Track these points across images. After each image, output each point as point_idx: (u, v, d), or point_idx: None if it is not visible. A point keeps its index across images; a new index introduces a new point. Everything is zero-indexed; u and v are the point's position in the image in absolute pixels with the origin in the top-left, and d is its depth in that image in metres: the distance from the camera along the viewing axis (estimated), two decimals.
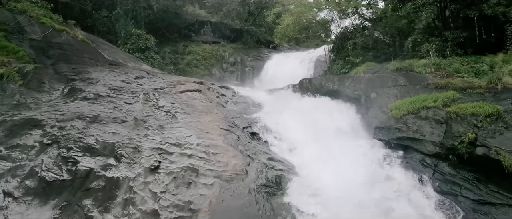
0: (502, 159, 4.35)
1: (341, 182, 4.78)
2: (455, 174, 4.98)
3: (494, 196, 4.41)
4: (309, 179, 4.95)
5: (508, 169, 4.27)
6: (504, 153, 4.40)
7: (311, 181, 4.87)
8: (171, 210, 4.17)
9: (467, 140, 4.94)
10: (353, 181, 4.86)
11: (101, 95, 7.92)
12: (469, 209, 4.42)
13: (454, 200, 4.58)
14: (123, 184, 4.54)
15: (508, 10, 8.58)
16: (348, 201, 4.31)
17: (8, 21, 10.40)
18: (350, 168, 5.37)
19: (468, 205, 4.47)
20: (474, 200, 4.51)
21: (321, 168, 5.47)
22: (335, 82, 9.48)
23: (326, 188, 4.60)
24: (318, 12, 13.76)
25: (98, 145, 5.34)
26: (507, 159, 4.31)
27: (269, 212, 4.13)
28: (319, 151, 6.37)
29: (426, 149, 5.55)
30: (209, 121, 7.22)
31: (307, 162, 5.94)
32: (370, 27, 14.34)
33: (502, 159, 4.36)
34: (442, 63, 8.42)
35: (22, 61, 9.16)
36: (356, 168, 5.40)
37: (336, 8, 13.49)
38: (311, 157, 6.16)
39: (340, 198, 4.34)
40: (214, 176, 4.93)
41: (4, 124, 6.16)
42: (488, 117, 5.02)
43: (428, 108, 6.08)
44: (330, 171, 5.23)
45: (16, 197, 4.42)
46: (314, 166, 5.71)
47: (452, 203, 4.52)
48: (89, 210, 4.18)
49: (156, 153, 5.27)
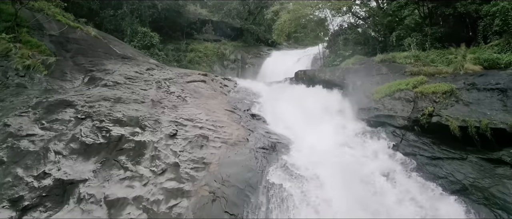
0: (450, 124, 5.63)
1: (325, 145, 6.03)
2: (417, 140, 6.24)
3: (442, 153, 5.67)
4: (298, 144, 6.21)
5: (453, 131, 5.56)
6: (452, 119, 5.67)
7: (300, 144, 6.13)
8: (189, 163, 5.45)
9: (427, 112, 6.22)
10: (334, 143, 6.12)
11: (119, 83, 9.20)
12: (423, 163, 5.66)
13: (413, 158, 5.83)
14: (149, 145, 5.82)
15: (480, 8, 9.88)
16: (326, 153, 5.56)
17: (28, 18, 11.71)
18: (334, 138, 6.63)
19: (423, 161, 5.71)
20: (428, 157, 5.76)
21: (309, 138, 6.74)
22: (327, 73, 10.77)
23: (311, 147, 5.85)
24: (312, 10, 15.04)
25: (125, 118, 6.62)
26: (453, 123, 5.59)
27: (265, 163, 5.41)
28: (310, 129, 7.64)
29: (397, 122, 6.82)
30: (214, 103, 8.52)
31: (299, 135, 7.20)
32: (363, 24, 15.68)
33: (449, 124, 5.64)
34: (421, 55, 9.70)
35: (45, 54, 10.43)
36: (339, 138, 6.67)
37: (329, 8, 14.80)
38: (302, 133, 7.43)
39: (320, 151, 5.59)
40: (221, 141, 6.21)
41: (41, 104, 7.43)
42: (444, 93, 6.30)
43: (401, 90, 7.36)
44: (316, 139, 6.50)
45: (64, 155, 5.69)
46: (305, 138, 6.98)
47: (411, 160, 5.76)
48: (124, 163, 5.46)
49: (173, 124, 6.55)
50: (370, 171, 5.26)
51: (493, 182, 4.78)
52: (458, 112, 5.83)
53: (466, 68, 7.29)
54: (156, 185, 5.01)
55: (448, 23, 10.54)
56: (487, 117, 5.43)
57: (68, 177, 5.20)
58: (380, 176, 5.22)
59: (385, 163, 5.67)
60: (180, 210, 4.58)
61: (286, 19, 15.15)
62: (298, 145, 6.12)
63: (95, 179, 5.19)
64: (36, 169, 5.35)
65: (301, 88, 11.06)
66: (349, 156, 5.85)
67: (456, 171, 5.23)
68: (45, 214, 4.64)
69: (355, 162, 5.59)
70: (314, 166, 5.14)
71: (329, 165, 5.10)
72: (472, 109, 5.78)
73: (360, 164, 5.53)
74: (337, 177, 4.82)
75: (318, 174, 4.96)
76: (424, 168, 5.53)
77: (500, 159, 5.07)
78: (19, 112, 6.99)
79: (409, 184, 5.08)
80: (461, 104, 5.99)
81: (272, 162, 5.47)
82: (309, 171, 5.06)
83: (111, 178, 5.21)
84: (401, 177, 5.26)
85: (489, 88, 5.98)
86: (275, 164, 5.40)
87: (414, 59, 9.50)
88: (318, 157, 5.45)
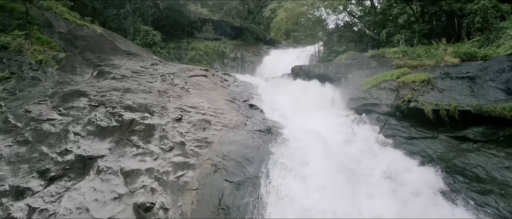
0: (424, 108, 6.44)
1: (313, 127, 6.84)
2: (397, 124, 7.03)
3: (418, 133, 6.46)
4: (291, 127, 7.01)
5: (427, 114, 6.37)
6: (426, 104, 6.48)
7: (292, 127, 6.94)
8: (193, 142, 6.25)
9: (406, 99, 7.02)
10: (323, 127, 6.92)
11: (126, 76, 10.02)
12: (401, 142, 6.45)
13: (392, 138, 6.62)
14: (157, 127, 6.63)
15: (464, 6, 10.70)
16: (314, 132, 6.37)
17: (37, 16, 12.55)
18: (323, 123, 7.44)
19: (401, 141, 6.50)
20: (406, 137, 6.54)
21: (301, 123, 7.55)
22: (321, 68, 11.58)
23: (300, 128, 6.66)
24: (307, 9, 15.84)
25: (135, 105, 7.42)
26: (427, 107, 6.40)
27: (261, 142, 6.21)
28: (302, 116, 8.44)
29: (381, 109, 7.61)
30: (216, 94, 9.33)
31: (293, 122, 8.01)
32: (358, 23, 16.49)
33: (424, 108, 6.45)
34: (408, 50, 10.51)
35: (55, 50, 11.25)
36: (328, 123, 7.47)
37: (325, 7, 15.63)
38: (297, 120, 8.23)
39: (310, 130, 6.40)
40: (222, 125, 7.02)
41: (57, 94, 8.23)
42: (422, 82, 7.10)
43: (386, 81, 8.16)
44: (308, 123, 7.30)
45: (82, 136, 6.49)
46: (298, 124, 7.78)
47: (390, 140, 6.57)
48: (136, 142, 6.26)
49: (178, 110, 7.36)
50: (350, 146, 6.03)
51: (456, 155, 5.58)
52: (433, 97, 6.63)
53: (446, 60, 8.09)
54: (165, 159, 5.82)
55: (437, 21, 11.36)
56: (457, 101, 6.23)
57: (87, 153, 6.00)
58: (359, 149, 6.01)
59: (366, 142, 6.47)
60: (186, 179, 5.39)
61: (283, 17, 16.02)
62: (290, 128, 6.92)
63: (111, 155, 5.99)
64: (59, 147, 6.15)
65: (297, 82, 11.88)
66: (334, 134, 6.64)
67: (427, 147, 6.02)
68: (70, 182, 5.44)
69: (339, 140, 6.38)
70: (302, 140, 5.98)
71: (314, 140, 5.89)
72: (444, 95, 6.58)
73: (343, 141, 6.33)
74: (319, 148, 5.63)
75: (304, 144, 5.81)
76: (401, 146, 6.32)
77: (465, 137, 5.87)
78: (37, 100, 7.79)
79: (385, 155, 5.89)
80: (435, 91, 6.79)
81: (266, 140, 6.28)
82: (297, 142, 5.90)
83: (125, 154, 6.01)
84: (379, 151, 6.05)
85: (460, 77, 6.78)
86: (269, 141, 6.22)
87: (402, 54, 10.30)
88: (306, 134, 6.26)
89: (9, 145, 6.19)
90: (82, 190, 5.24)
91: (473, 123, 5.92)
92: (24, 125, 6.76)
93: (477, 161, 5.26)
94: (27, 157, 5.87)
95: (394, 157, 5.90)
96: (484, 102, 5.85)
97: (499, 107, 5.50)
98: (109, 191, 5.20)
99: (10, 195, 5.12)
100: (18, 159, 5.82)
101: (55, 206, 4.96)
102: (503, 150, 5.20)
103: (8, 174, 5.49)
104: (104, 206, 4.93)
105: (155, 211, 4.87)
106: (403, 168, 5.52)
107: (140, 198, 5.02)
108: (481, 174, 5.01)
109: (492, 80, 6.14)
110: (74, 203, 4.99)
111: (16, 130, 6.60)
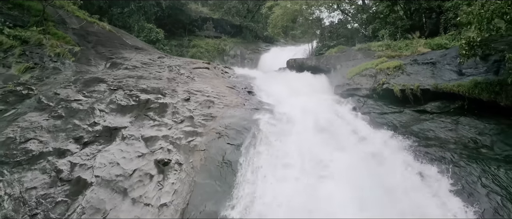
0: (394, 88, 7.88)
1: (301, 105, 8.29)
2: (373, 103, 8.44)
3: (388, 109, 7.88)
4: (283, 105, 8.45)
5: (396, 93, 7.81)
6: (396, 85, 7.92)
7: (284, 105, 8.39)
8: (200, 116, 7.67)
9: (381, 82, 8.44)
10: (309, 105, 8.35)
11: (137, 67, 11.46)
12: (374, 117, 7.87)
13: (368, 115, 8.03)
14: (169, 105, 8.05)
15: (442, 4, 12.15)
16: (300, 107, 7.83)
17: (52, 14, 14.02)
18: (310, 104, 8.87)
19: (375, 116, 7.90)
20: (378, 113, 7.96)
21: (291, 103, 9.00)
22: (313, 60, 13.02)
23: (292, 105, 8.12)
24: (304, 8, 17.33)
25: (149, 88, 8.85)
26: (396, 87, 7.85)
27: (256, 116, 7.65)
28: (294, 100, 9.86)
29: (362, 93, 9.04)
30: (218, 82, 10.76)
31: (286, 105, 9.43)
32: (351, 21, 17.98)
33: (394, 88, 7.88)
34: (392, 44, 11.93)
35: (70, 45, 12.68)
36: (315, 104, 8.91)
37: (321, 5, 17.12)
38: (288, 102, 9.66)
39: (296, 105, 7.87)
40: (224, 105, 8.44)
41: (79, 80, 9.66)
42: (395, 68, 8.53)
43: (367, 69, 9.58)
44: (298, 104, 8.75)
45: (106, 112, 7.90)
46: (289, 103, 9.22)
47: (366, 116, 7.98)
48: (152, 116, 7.68)
49: (186, 93, 8.78)
50: (330, 118, 7.46)
51: (415, 123, 6.98)
52: (402, 80, 8.05)
53: (419, 51, 9.52)
54: (177, 129, 7.24)
55: (418, 17, 12.81)
56: (420, 82, 7.64)
57: (112, 125, 7.42)
58: (337, 118, 7.45)
59: (345, 116, 7.89)
60: (196, 143, 6.80)
61: (279, 13, 17.50)
62: (281, 106, 8.37)
63: (132, 126, 7.41)
64: (88, 120, 7.57)
65: (291, 74, 13.30)
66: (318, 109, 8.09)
67: (394, 119, 7.44)
68: (101, 146, 6.85)
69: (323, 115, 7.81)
70: (288, 114, 7.47)
71: (298, 109, 7.35)
72: (411, 77, 8.00)
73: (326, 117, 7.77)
74: (304, 117, 7.07)
75: (290, 115, 7.27)
76: (374, 120, 7.72)
77: (424, 110, 7.30)
78: (63, 85, 9.22)
79: (359, 123, 7.34)
80: (404, 74, 8.21)
81: (260, 114, 7.72)
82: (284, 115, 7.37)
83: (144, 125, 7.43)
84: (355, 122, 7.48)
85: (425, 63, 8.20)
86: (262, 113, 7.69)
87: (386, 47, 11.71)
88: (293, 109, 7.73)
89: (46, 119, 7.61)
90: (111, 151, 6.65)
91: (431, 99, 7.33)
92: (55, 104, 8.18)
93: (429, 126, 6.66)
94: (63, 127, 7.29)
95: (366, 125, 7.31)
96: (441, 82, 7.26)
97: (451, 85, 6.90)
98: (133, 151, 6.62)
99: (54, 154, 6.52)
100: (55, 129, 7.23)
101: (92, 162, 6.37)
102: (451, 118, 6.60)
103: (50, 140, 6.90)
104: (131, 161, 6.34)
105: (172, 165, 6.28)
106: (372, 132, 6.92)
107: (159, 156, 6.44)
108: (430, 135, 6.42)
109: (448, 64, 7.55)
110: (107, 159, 6.40)
111: (49, 108, 8.02)
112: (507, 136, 5.67)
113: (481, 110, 6.45)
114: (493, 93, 6.12)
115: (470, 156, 5.49)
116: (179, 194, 5.65)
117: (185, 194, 5.65)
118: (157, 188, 5.74)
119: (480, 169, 5.07)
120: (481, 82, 6.37)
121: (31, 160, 6.35)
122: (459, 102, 6.83)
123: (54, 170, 6.15)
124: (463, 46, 5.99)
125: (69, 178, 5.96)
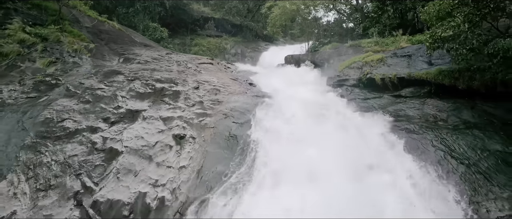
0: (375, 77, 9.37)
1: (295, 94, 9.77)
2: (359, 92, 9.90)
3: (370, 95, 9.34)
4: (280, 94, 9.93)
5: (377, 81, 9.29)
6: (377, 74, 9.40)
7: (280, 94, 9.86)
8: (209, 101, 9.13)
9: (366, 73, 9.92)
10: (304, 95, 9.86)
11: (148, 61, 12.92)
12: (359, 102, 9.33)
13: (353, 101, 9.50)
14: (181, 92, 9.51)
15: (426, 4, 13.61)
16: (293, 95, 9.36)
17: (66, 13, 15.49)
18: (304, 93, 10.36)
19: (359, 102, 9.35)
20: (362, 98, 9.41)
21: (289, 93, 10.47)
22: (309, 56, 14.50)
23: (287, 94, 9.62)
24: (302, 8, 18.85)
25: (162, 78, 10.30)
26: (377, 76, 9.32)
27: (256, 101, 9.11)
28: (290, 90, 11.35)
29: (350, 83, 10.50)
30: (222, 75, 12.23)
31: (283, 94, 10.91)
32: (346, 20, 19.50)
33: (375, 77, 9.37)
34: (380, 41, 13.40)
35: (85, 42, 14.13)
36: (308, 93, 10.39)
37: (318, 6, 18.64)
38: (285, 92, 11.14)
39: (290, 94, 9.39)
40: (228, 92, 9.90)
41: (99, 72, 11.10)
42: (378, 60, 10.01)
43: (355, 62, 11.06)
44: (294, 93, 10.23)
45: (127, 98, 9.34)
46: (286, 93, 10.70)
47: (351, 102, 9.46)
48: (167, 101, 9.13)
49: (195, 82, 10.25)
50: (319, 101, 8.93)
51: (391, 105, 8.45)
52: (382, 70, 9.53)
53: (401, 45, 11.00)
54: (190, 111, 8.69)
55: (404, 16, 14.31)
56: (397, 71, 9.12)
57: (134, 108, 8.86)
58: (325, 101, 8.96)
59: (332, 99, 9.40)
60: (206, 122, 8.26)
61: (277, 13, 19.04)
62: (279, 94, 9.86)
63: (151, 109, 8.86)
64: (112, 104, 9.01)
65: (289, 68, 14.79)
66: (311, 98, 9.58)
67: (374, 103, 8.91)
68: (126, 125, 8.28)
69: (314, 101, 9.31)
70: (284, 100, 8.98)
71: (294, 99, 8.92)
72: (390, 68, 9.48)
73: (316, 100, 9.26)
74: (297, 103, 8.59)
75: (286, 101, 8.77)
76: (358, 105, 9.20)
77: (400, 95, 8.78)
78: (86, 76, 10.66)
79: (344, 107, 8.85)
80: (385, 66, 9.69)
81: (260, 99, 9.20)
82: (281, 101, 8.88)
83: (161, 108, 8.88)
84: (341, 105, 8.98)
85: (403, 55, 9.68)
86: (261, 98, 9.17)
87: (374, 44, 13.18)
88: (288, 97, 9.25)
89: (76, 103, 9.05)
90: (135, 128, 8.10)
91: (406, 85, 8.80)
92: (82, 92, 9.62)
93: (402, 107, 8.13)
94: (92, 110, 8.73)
95: (346, 106, 8.84)
96: (413, 71, 8.73)
97: (421, 73, 8.37)
98: (154, 128, 8.07)
99: (87, 130, 7.96)
100: (86, 111, 8.67)
101: (120, 136, 7.81)
102: (419, 100, 8.08)
103: (82, 120, 8.34)
104: (153, 135, 7.79)
105: (187, 138, 7.73)
106: (348, 111, 8.47)
107: (176, 131, 7.89)
108: (401, 113, 7.89)
109: (421, 56, 9.02)
110: (132, 134, 7.85)
111: (77, 95, 9.46)
112: (459, 111, 7.13)
113: (444, 93, 7.91)
114: (453, 79, 7.58)
115: (428, 127, 6.94)
116: (195, 159, 7.10)
117: (200, 159, 7.10)
118: (176, 155, 7.19)
119: (433, 135, 6.54)
120: (445, 70, 7.82)
121: (69, 135, 7.78)
122: (427, 87, 8.29)
123: (90, 142, 7.59)
124: (427, 40, 7.45)
125: (103, 148, 7.40)
